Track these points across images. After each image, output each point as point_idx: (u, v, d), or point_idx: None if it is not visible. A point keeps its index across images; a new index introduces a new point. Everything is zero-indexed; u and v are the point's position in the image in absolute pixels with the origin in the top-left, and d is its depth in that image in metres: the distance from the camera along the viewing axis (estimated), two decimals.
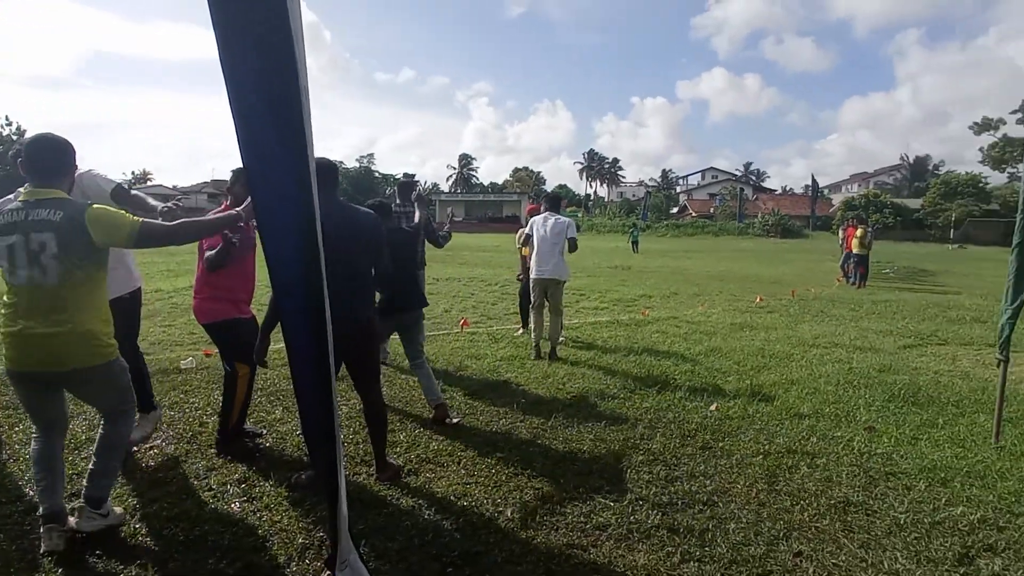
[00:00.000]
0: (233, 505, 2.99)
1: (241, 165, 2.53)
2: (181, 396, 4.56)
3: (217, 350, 3.80)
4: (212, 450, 3.59)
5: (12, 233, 2.40)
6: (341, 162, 68.40)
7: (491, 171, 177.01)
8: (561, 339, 6.28)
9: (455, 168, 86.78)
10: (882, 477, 3.42)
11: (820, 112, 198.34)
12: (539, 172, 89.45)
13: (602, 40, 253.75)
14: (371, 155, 75.24)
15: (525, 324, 6.99)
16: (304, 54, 1.82)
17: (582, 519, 2.92)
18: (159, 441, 3.74)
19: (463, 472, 3.41)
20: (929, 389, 5.13)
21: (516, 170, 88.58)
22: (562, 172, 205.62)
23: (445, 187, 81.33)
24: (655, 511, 2.99)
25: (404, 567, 2.51)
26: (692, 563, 2.57)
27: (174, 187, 66.27)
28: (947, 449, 3.83)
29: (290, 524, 2.82)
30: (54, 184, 2.51)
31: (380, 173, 70.38)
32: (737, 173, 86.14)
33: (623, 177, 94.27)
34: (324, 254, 1.94)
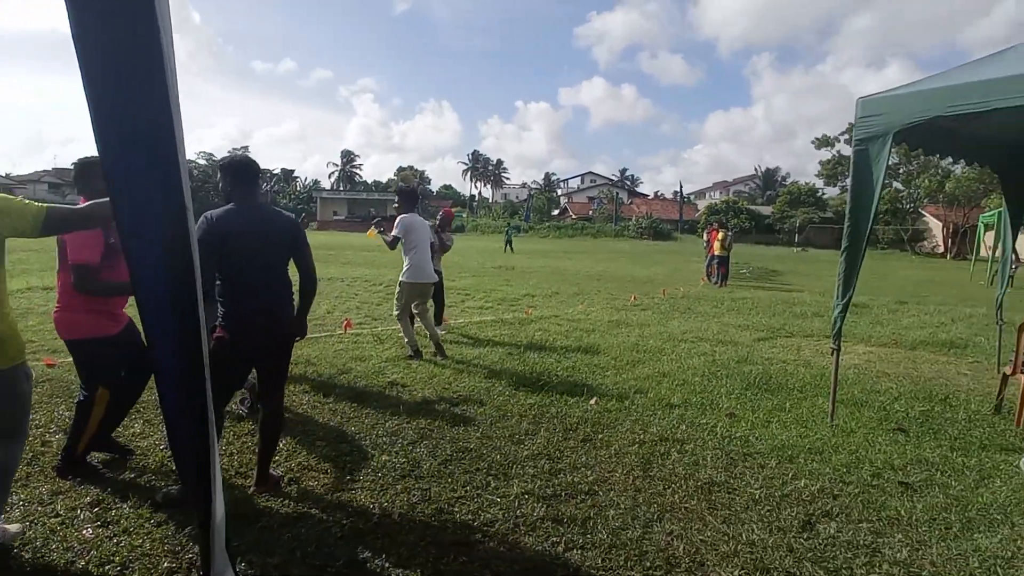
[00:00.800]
0: (85, 531, 2.69)
1: (94, 154, 2.30)
2: None
3: (58, 360, 3.40)
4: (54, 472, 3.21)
5: None
6: (212, 154, 63.56)
7: (376, 169, 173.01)
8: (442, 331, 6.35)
9: (338, 165, 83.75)
10: (741, 458, 3.76)
11: (688, 124, 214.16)
12: (423, 171, 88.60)
13: (488, 44, 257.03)
14: (246, 147, 70.64)
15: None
16: (171, 34, 1.67)
17: (470, 516, 2.94)
18: None
19: (348, 477, 3.31)
20: (779, 377, 5.71)
21: (400, 169, 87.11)
22: (447, 172, 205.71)
23: (327, 184, 78.27)
24: (540, 504, 3.07)
25: None
26: (575, 551, 2.68)
27: (7, 175, 58.34)
28: (793, 429, 4.29)
29: (153, 548, 2.58)
30: None
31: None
32: (614, 178, 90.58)
33: (507, 179, 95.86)
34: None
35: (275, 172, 68.99)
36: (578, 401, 4.77)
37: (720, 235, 15.60)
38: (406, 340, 6.03)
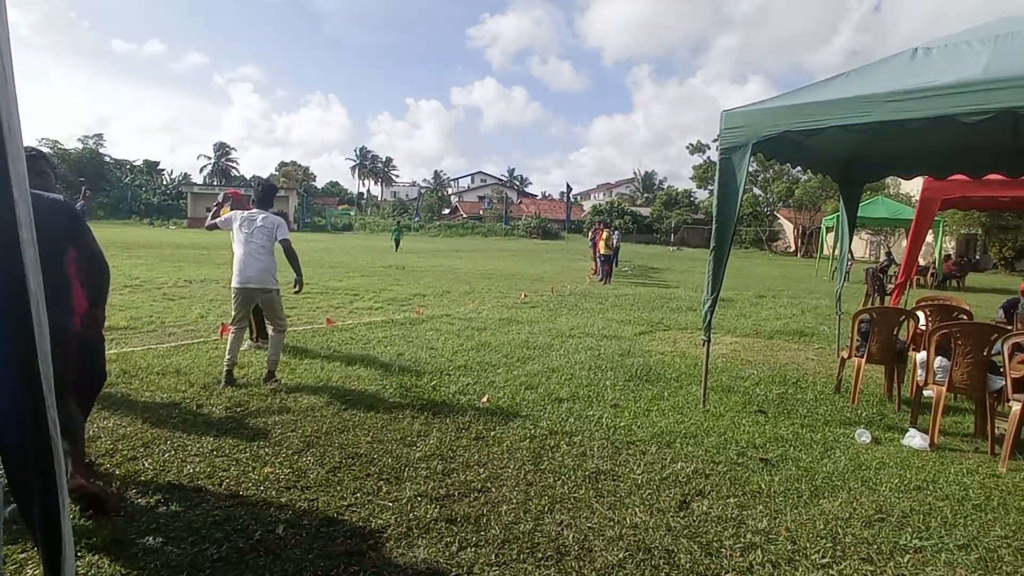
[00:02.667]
0: None
1: None
2: None
3: None
4: None
5: None
6: (57, 142, 56.98)
7: (257, 163, 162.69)
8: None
9: (211, 158, 78.06)
10: (624, 446, 3.96)
11: (575, 127, 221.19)
12: (308, 167, 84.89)
13: (378, 38, 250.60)
14: (100, 135, 63.93)
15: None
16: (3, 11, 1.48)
17: (361, 524, 2.87)
18: None
19: (226, 494, 3.11)
20: (658, 368, 6.07)
21: (283, 164, 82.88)
22: (335, 169, 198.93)
23: (199, 179, 72.76)
24: (433, 505, 3.06)
25: None
26: (469, 549, 2.70)
27: None
28: (671, 416, 4.58)
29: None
30: None
31: (112, 158, 60.15)
32: (503, 178, 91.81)
33: (397, 176, 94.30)
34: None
35: (136, 164, 62.98)
36: (470, 399, 4.80)
37: (605, 234, 16.30)
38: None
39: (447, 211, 71.46)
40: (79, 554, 2.47)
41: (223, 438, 3.81)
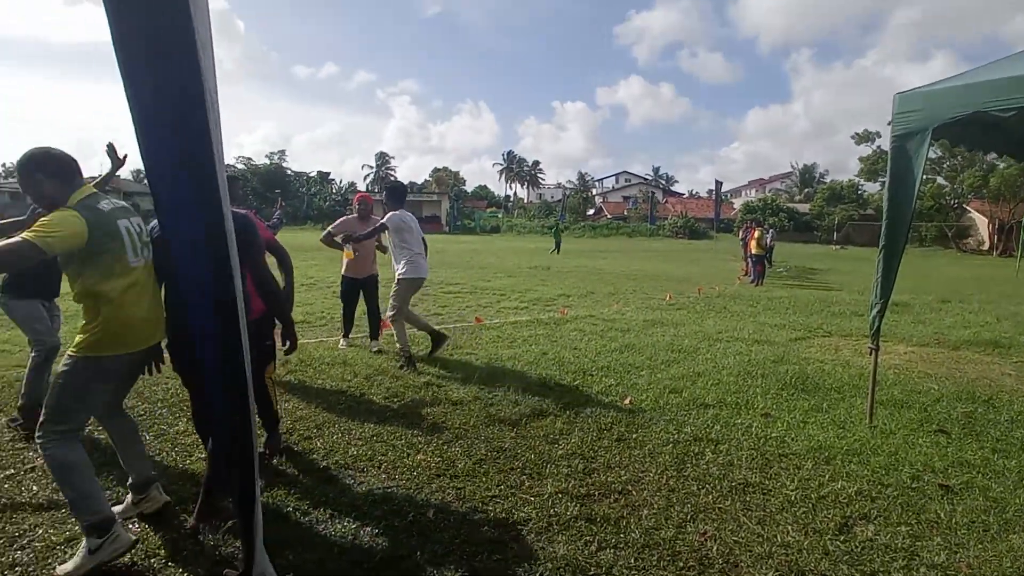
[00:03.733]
0: (132, 524, 2.84)
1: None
2: None
3: None
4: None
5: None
6: (250, 159, 65.11)
7: (414, 170, 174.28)
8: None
9: (372, 167, 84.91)
10: (776, 459, 3.72)
11: (725, 121, 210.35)
12: (458, 172, 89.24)
13: (523, 45, 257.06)
14: (283, 151, 72.05)
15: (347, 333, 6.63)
16: (211, 48, 1.75)
17: (504, 515, 2.99)
18: None
19: (384, 476, 3.40)
20: (816, 377, 5.61)
21: (436, 170, 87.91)
22: (484, 173, 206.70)
23: (362, 186, 79.47)
24: (574, 503, 3.11)
25: None
26: (608, 550, 2.71)
27: None
28: (830, 431, 4.22)
29: (202, 540, 2.71)
30: None
31: (292, 171, 67.60)
32: (648, 177, 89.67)
33: (543, 179, 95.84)
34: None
35: (311, 175, 70.20)
36: (613, 400, 4.78)
37: (757, 233, 15.33)
38: (399, 346, 5.76)
39: (591, 212, 71.28)
40: (265, 521, 2.84)
41: (382, 425, 4.16)
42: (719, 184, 48.40)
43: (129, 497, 2.92)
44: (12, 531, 2.74)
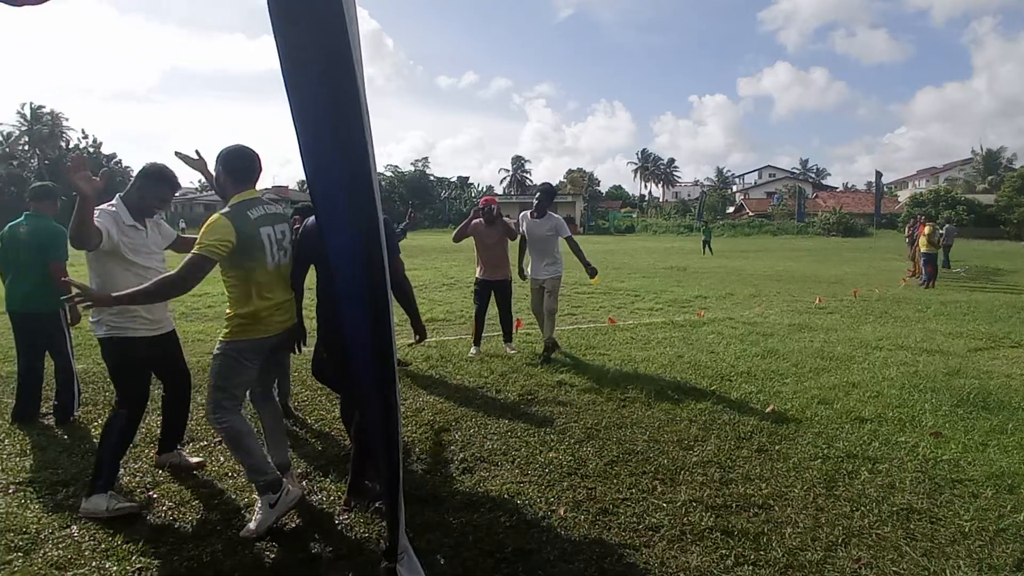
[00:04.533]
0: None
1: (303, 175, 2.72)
2: None
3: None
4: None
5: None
6: (397, 166, 69.59)
7: (549, 172, 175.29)
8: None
9: (509, 171, 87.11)
10: (948, 484, 3.30)
11: (889, 105, 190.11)
12: (592, 173, 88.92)
13: (658, 40, 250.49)
14: (426, 159, 76.27)
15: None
16: (361, 65, 1.90)
17: (635, 519, 2.94)
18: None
19: (516, 471, 3.48)
20: (1000, 393, 4.89)
21: (570, 171, 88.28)
22: (618, 173, 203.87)
23: (499, 189, 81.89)
24: (709, 513, 2.98)
25: (458, 561, 2.60)
26: (747, 566, 2.57)
27: None
28: (1016, 455, 3.66)
29: (350, 516, 2.95)
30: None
31: (434, 176, 71.33)
32: (795, 171, 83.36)
33: (679, 177, 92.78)
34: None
35: (452, 180, 73.54)
36: (753, 408, 4.52)
37: (927, 229, 13.68)
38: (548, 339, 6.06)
39: (731, 209, 67.65)
40: (406, 505, 3.03)
41: (515, 421, 4.26)
42: (879, 175, 43.72)
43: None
44: (205, 494, 3.17)
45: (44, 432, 4.03)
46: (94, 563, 2.55)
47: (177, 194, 3.52)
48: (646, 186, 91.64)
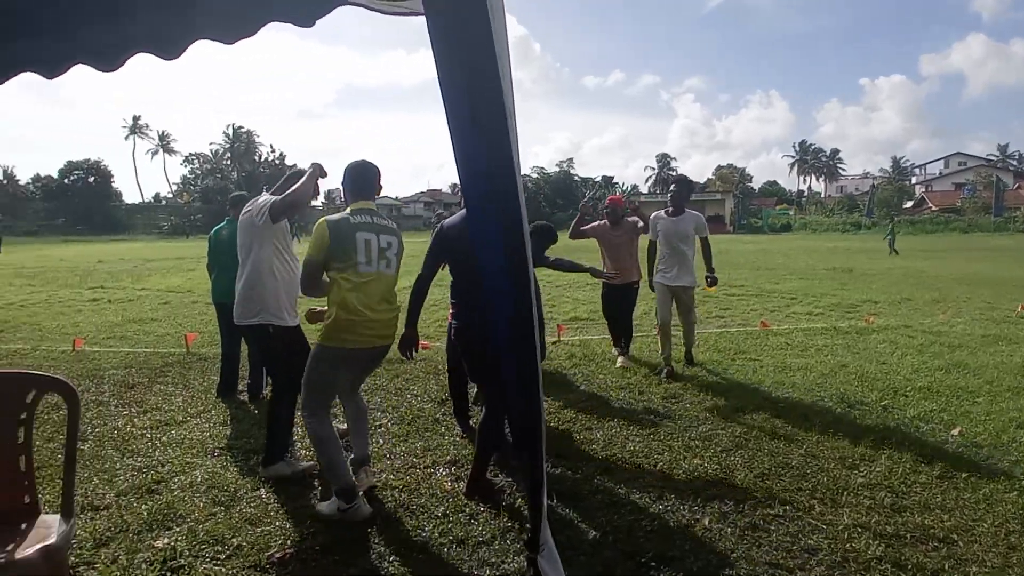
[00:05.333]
0: (446, 484, 3.34)
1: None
2: (402, 383, 5.18)
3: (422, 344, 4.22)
4: (428, 432, 4.05)
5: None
6: (543, 168, 70.82)
7: (696, 169, 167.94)
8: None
9: (654, 169, 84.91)
10: None
11: None
12: (744, 169, 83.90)
13: (821, 21, 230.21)
14: (571, 159, 76.89)
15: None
16: (509, 71, 1.97)
17: (788, 539, 2.75)
18: (386, 420, 4.30)
19: (660, 475, 3.41)
20: None
21: (719, 168, 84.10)
22: (773, 167, 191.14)
23: (644, 188, 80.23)
24: (877, 541, 2.70)
25: (597, 560, 2.60)
26: None
27: (396, 197, 74.31)
28: None
29: (493, 507, 3.06)
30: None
31: (579, 177, 71.58)
32: (992, 158, 72.27)
33: (843, 170, 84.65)
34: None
35: (597, 180, 73.24)
36: (934, 429, 4.02)
37: None
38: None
39: (908, 204, 60.28)
40: (548, 499, 3.08)
41: (659, 424, 4.17)
42: None
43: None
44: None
45: (241, 406, 4.66)
46: (276, 523, 2.90)
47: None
48: (804, 181, 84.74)
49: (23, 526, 2.06)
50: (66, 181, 62.49)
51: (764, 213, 56.31)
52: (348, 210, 3.07)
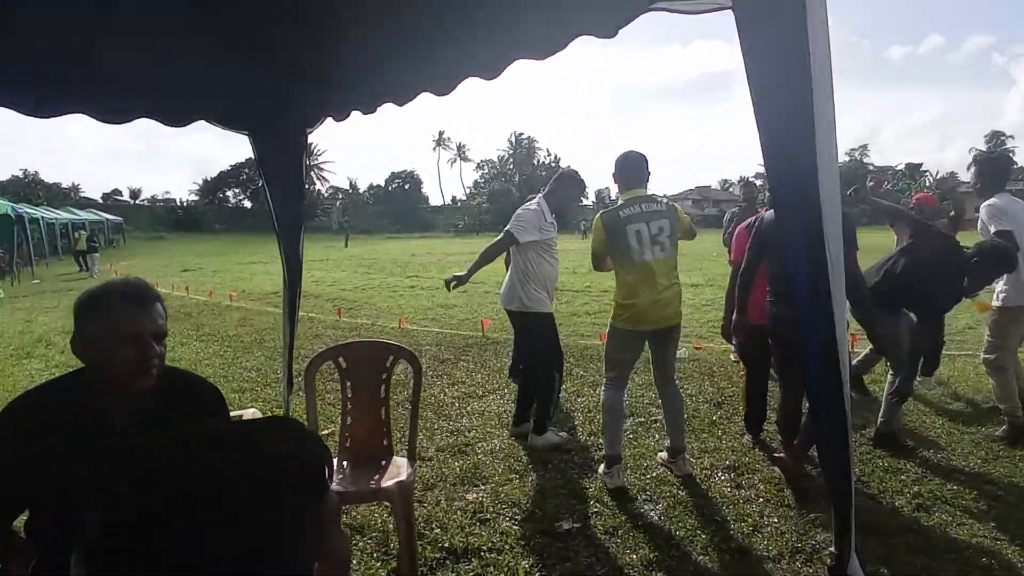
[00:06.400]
0: (725, 489, 3.25)
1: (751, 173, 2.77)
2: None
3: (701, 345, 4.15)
4: (705, 434, 3.99)
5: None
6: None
7: None
8: None
9: (983, 150, 69.03)
10: None
11: None
12: None
13: None
14: (864, 147, 66.76)
15: None
16: (828, 59, 1.83)
17: None
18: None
19: (985, 520, 2.83)
20: None
21: None
22: None
23: (965, 176, 65.79)
24: None
25: None
26: None
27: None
28: None
29: (779, 522, 2.90)
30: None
31: (874, 166, 61.88)
32: None
33: None
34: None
35: (899, 168, 62.29)
36: None
37: None
38: (1006, 405, 3.81)
39: None
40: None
41: (990, 464, 3.46)
42: None
43: (664, 454, 3.56)
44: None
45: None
46: (563, 498, 3.19)
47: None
48: None
49: (383, 462, 2.64)
50: (390, 188, 75.56)
51: None
52: (621, 201, 3.31)
